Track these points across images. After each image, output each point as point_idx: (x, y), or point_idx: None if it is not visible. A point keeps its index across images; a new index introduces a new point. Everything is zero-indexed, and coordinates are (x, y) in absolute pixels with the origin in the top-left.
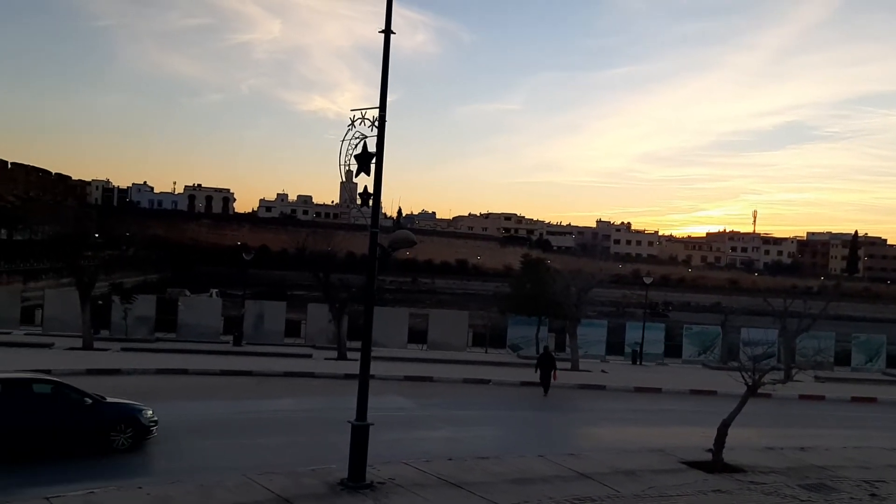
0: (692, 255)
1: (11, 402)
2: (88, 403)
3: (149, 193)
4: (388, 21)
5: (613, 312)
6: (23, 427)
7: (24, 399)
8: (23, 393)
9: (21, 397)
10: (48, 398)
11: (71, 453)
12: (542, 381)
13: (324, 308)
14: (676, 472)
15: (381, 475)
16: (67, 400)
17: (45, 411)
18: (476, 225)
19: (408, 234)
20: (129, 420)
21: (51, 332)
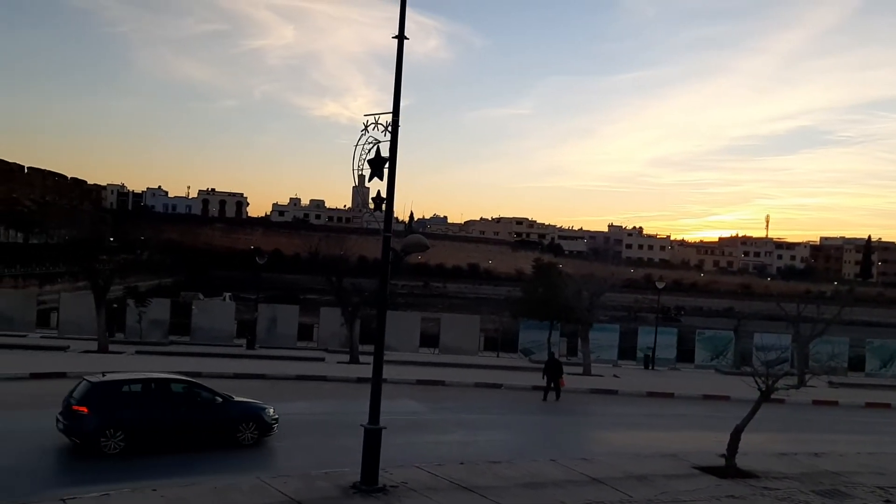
0: (704, 260)
1: (154, 398)
2: (219, 402)
3: (163, 198)
4: (402, 27)
5: (625, 317)
6: (164, 421)
7: (165, 396)
8: (163, 391)
9: (162, 394)
10: (184, 396)
11: (203, 447)
12: (550, 388)
13: (336, 312)
14: (689, 478)
15: (393, 479)
16: (200, 398)
17: (182, 408)
18: (487, 229)
19: (421, 238)
20: (254, 417)
21: (66, 335)
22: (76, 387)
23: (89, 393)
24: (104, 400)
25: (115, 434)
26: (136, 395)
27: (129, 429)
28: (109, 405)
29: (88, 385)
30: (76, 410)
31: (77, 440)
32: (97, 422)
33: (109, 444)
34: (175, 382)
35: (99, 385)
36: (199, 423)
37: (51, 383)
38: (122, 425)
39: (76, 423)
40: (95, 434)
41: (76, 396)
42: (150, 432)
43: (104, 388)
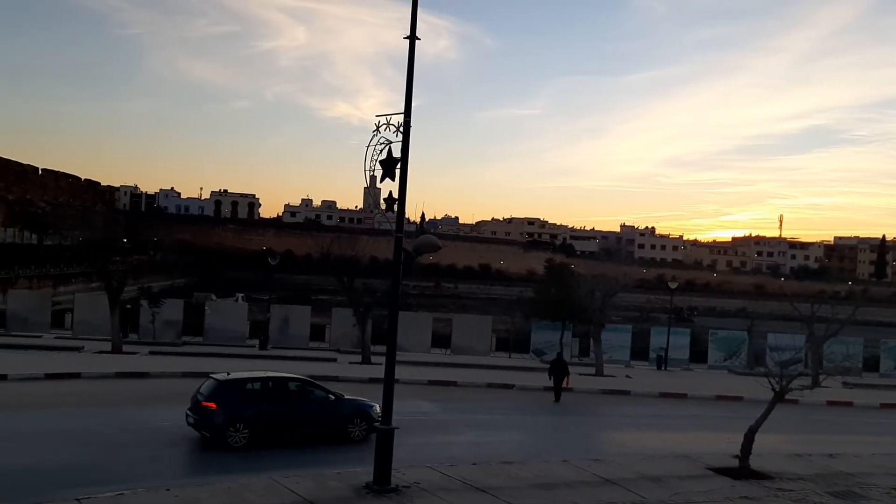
0: (717, 260)
1: (273, 395)
2: (331, 399)
3: (176, 199)
4: (413, 27)
5: (638, 317)
6: (283, 417)
7: (283, 393)
8: (281, 388)
9: (280, 392)
10: (300, 393)
11: (318, 441)
12: (555, 388)
13: (348, 312)
14: (702, 479)
15: (405, 479)
16: (313, 395)
17: (298, 404)
18: (499, 229)
19: (432, 238)
20: (363, 415)
21: (81, 335)
22: (203, 384)
23: (217, 390)
24: (230, 396)
25: (240, 428)
26: (258, 392)
27: (252, 423)
28: (235, 401)
29: (216, 383)
30: (206, 406)
31: (207, 434)
32: (225, 417)
33: (235, 438)
34: (292, 381)
35: (225, 383)
36: (313, 418)
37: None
38: (247, 420)
39: (206, 418)
40: (223, 428)
41: (204, 393)
42: (270, 427)
43: (230, 386)
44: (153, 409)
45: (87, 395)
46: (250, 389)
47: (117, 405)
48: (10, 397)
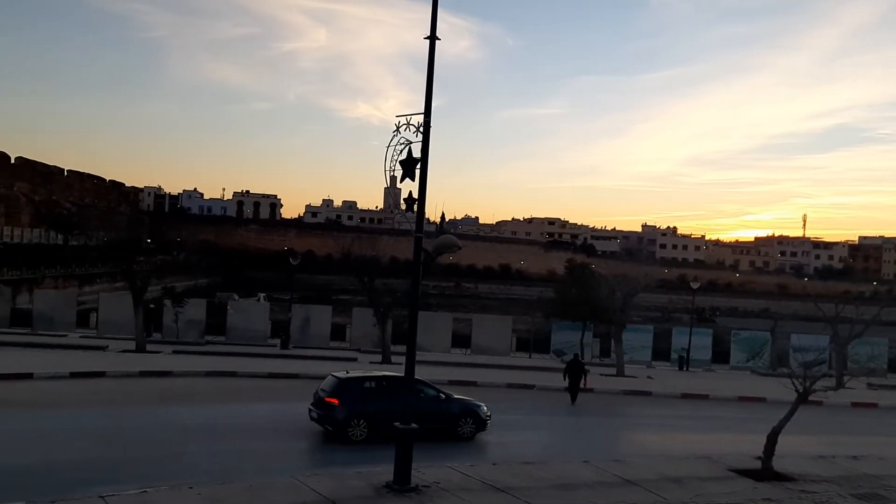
0: (740, 260)
1: (388, 393)
2: (442, 398)
3: (199, 200)
4: (434, 27)
5: (659, 318)
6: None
7: (397, 391)
8: (395, 386)
9: (394, 390)
10: (412, 392)
11: (429, 438)
12: (571, 389)
13: (368, 312)
14: (724, 480)
15: (425, 478)
16: (425, 393)
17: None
18: (519, 230)
19: (452, 238)
20: (472, 414)
21: (105, 334)
22: (324, 381)
23: (338, 387)
24: (350, 393)
25: (360, 423)
26: (374, 389)
27: (370, 419)
28: (355, 398)
29: (337, 380)
30: (328, 402)
31: (329, 428)
32: (346, 412)
33: (355, 432)
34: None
35: (346, 380)
36: (426, 416)
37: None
38: (366, 416)
39: (329, 413)
40: (345, 423)
41: (326, 390)
42: (386, 422)
43: (350, 383)
44: (178, 406)
45: (112, 393)
46: (368, 387)
47: (141, 403)
48: (36, 396)
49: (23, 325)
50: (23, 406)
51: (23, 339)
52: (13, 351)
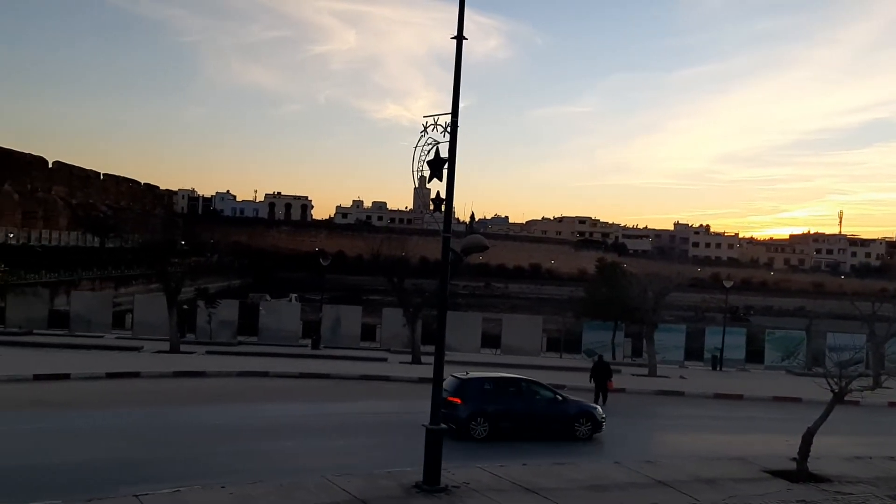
0: (774, 258)
1: (508, 393)
2: (559, 399)
3: (231, 202)
4: (461, 27)
5: (692, 317)
6: (517, 413)
7: (515, 392)
8: (514, 387)
9: (513, 391)
10: (530, 393)
11: (546, 437)
12: (597, 392)
13: (398, 312)
14: (758, 481)
15: (455, 479)
16: (543, 395)
17: (529, 402)
18: (550, 229)
19: (480, 238)
20: (588, 415)
21: (140, 335)
22: (446, 381)
23: (461, 387)
24: (472, 393)
25: (481, 422)
26: (494, 390)
27: (491, 418)
28: (476, 397)
29: (458, 380)
30: (451, 401)
31: (453, 426)
32: (468, 411)
33: (477, 430)
34: (523, 381)
35: (467, 381)
36: (543, 416)
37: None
38: (486, 415)
39: (452, 412)
40: (467, 421)
41: (448, 389)
42: (506, 421)
43: (472, 384)
44: (210, 406)
45: (147, 393)
46: (488, 388)
47: (174, 403)
48: (72, 396)
49: (60, 326)
50: (60, 406)
51: (60, 341)
52: (51, 352)
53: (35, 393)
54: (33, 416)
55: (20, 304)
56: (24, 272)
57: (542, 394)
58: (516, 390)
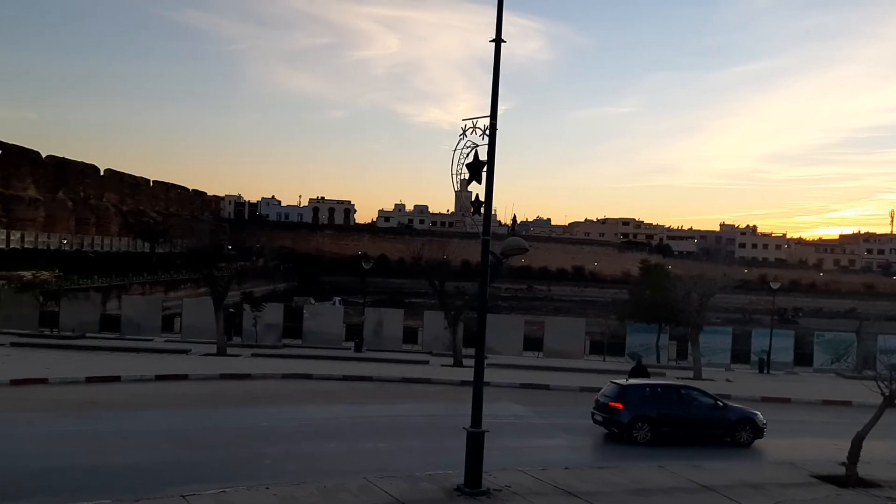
0: (824, 259)
1: (668, 399)
2: (720, 405)
3: (276, 207)
4: (499, 29)
5: (739, 319)
6: (677, 418)
7: (676, 398)
8: (674, 393)
9: (673, 396)
10: (690, 399)
11: (707, 442)
12: None
13: (440, 315)
14: (806, 486)
15: (497, 482)
16: (703, 402)
17: (690, 408)
18: (592, 231)
19: (519, 240)
20: (749, 422)
21: (188, 338)
22: (606, 387)
23: (622, 393)
24: (633, 398)
25: (643, 426)
26: (655, 396)
27: (652, 423)
28: (638, 403)
29: (620, 386)
30: (613, 406)
31: (615, 430)
32: (630, 416)
33: (640, 435)
34: (683, 388)
35: (628, 386)
36: (704, 421)
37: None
38: (648, 419)
39: (614, 417)
40: (629, 425)
41: (610, 395)
42: (667, 426)
43: (632, 389)
44: (256, 408)
45: (194, 395)
46: (648, 393)
47: (221, 405)
48: (122, 398)
49: (112, 330)
50: (110, 408)
51: (112, 344)
52: (103, 355)
53: (87, 395)
54: (85, 417)
55: (73, 309)
56: (78, 277)
57: (703, 400)
58: (677, 396)
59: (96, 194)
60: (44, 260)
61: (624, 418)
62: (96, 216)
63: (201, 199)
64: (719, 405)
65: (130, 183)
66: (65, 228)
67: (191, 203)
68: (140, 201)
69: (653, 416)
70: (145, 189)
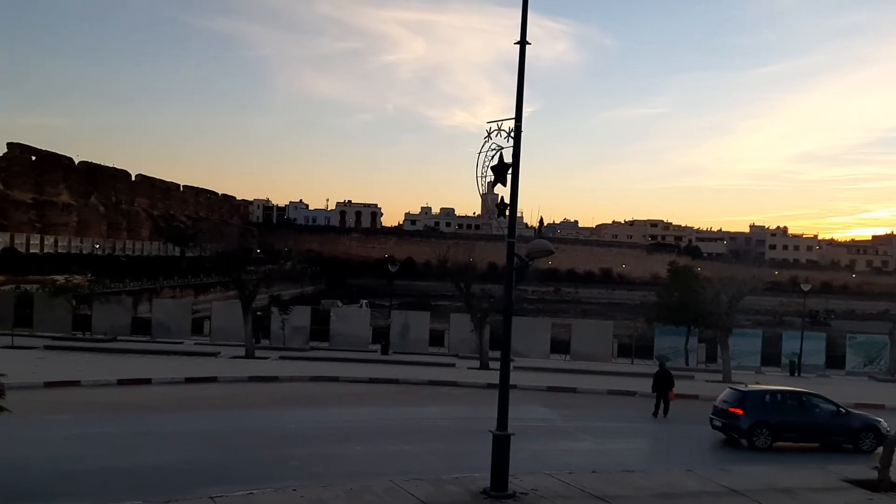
0: (856, 260)
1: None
2: (842, 412)
3: (304, 210)
4: (524, 31)
5: (769, 321)
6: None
7: (796, 404)
8: (794, 400)
9: (793, 403)
10: (810, 405)
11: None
12: (658, 402)
13: (466, 318)
14: (837, 491)
15: (523, 485)
16: (825, 408)
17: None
18: (620, 232)
19: (544, 243)
20: (872, 428)
21: (217, 341)
22: (725, 393)
23: (742, 398)
24: (753, 404)
25: (763, 432)
26: (775, 401)
27: (773, 428)
28: (758, 409)
29: (740, 392)
30: (733, 412)
31: (735, 435)
32: (750, 422)
33: (760, 440)
34: (804, 394)
35: (748, 393)
36: (826, 428)
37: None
38: (768, 425)
39: (733, 422)
40: (750, 431)
41: (729, 401)
42: (788, 432)
43: (753, 395)
44: (284, 410)
45: (223, 398)
46: (769, 400)
47: (249, 407)
48: (152, 400)
49: (143, 333)
50: (141, 410)
51: (143, 347)
52: (134, 358)
53: (119, 397)
54: (116, 419)
55: (105, 312)
56: (109, 281)
57: (824, 406)
58: (797, 402)
59: (128, 199)
60: (76, 264)
61: (744, 424)
62: (128, 221)
63: (230, 203)
64: (841, 412)
65: (161, 188)
66: (97, 233)
67: (220, 207)
68: (170, 206)
69: (773, 423)
70: (175, 194)
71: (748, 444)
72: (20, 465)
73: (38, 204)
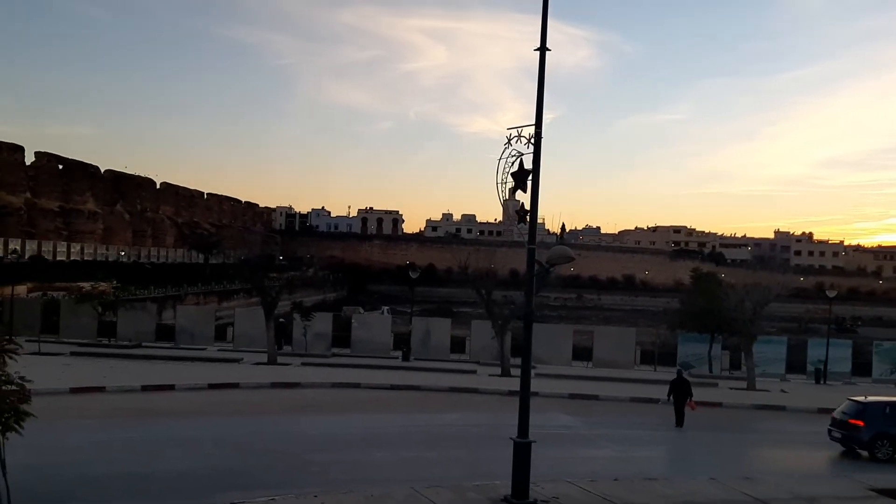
0: (883, 266)
1: None
2: None
3: (326, 217)
4: (544, 38)
5: (795, 328)
6: None
7: None
8: None
9: None
10: None
11: None
12: (676, 411)
13: (487, 325)
14: (864, 500)
15: (544, 493)
16: None
17: None
18: (643, 239)
19: (565, 249)
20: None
21: (240, 347)
22: (844, 405)
23: (862, 410)
24: (874, 416)
25: (885, 444)
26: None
27: (893, 440)
28: (879, 420)
29: (859, 404)
30: (853, 424)
31: (855, 447)
32: (871, 433)
33: (881, 451)
34: None
35: (868, 404)
36: None
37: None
38: (890, 437)
39: (853, 434)
40: (871, 443)
41: (848, 412)
42: None
43: (873, 407)
44: (306, 417)
45: (245, 404)
46: (889, 411)
47: (271, 413)
48: (176, 406)
49: (167, 339)
50: (164, 415)
51: (167, 353)
52: (158, 364)
53: (142, 403)
54: (140, 425)
55: (130, 319)
56: (134, 288)
57: None
58: None
59: (153, 207)
60: (102, 271)
61: (864, 436)
62: (152, 228)
63: (253, 210)
64: None
65: (185, 196)
66: (122, 240)
67: (243, 215)
68: (194, 213)
69: (894, 434)
70: (199, 202)
71: (869, 455)
72: (45, 470)
73: (65, 212)
